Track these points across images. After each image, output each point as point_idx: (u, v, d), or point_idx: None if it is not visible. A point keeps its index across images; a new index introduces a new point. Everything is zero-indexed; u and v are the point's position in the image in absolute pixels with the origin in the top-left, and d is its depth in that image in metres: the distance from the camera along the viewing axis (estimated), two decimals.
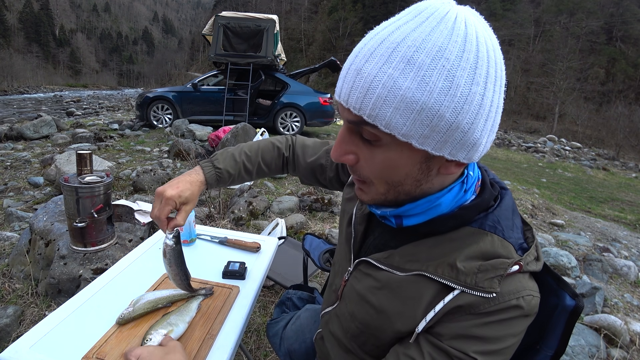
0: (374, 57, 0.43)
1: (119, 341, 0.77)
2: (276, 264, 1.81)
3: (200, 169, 0.86)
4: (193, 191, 0.81)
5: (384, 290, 0.57)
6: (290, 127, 7.78)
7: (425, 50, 0.41)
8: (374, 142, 0.48)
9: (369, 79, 0.43)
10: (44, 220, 1.93)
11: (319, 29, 58.50)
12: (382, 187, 0.52)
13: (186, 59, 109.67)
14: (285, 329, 1.00)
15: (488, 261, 0.50)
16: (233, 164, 0.89)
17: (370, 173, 0.51)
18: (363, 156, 0.50)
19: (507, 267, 0.49)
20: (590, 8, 39.41)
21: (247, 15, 8.01)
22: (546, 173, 8.69)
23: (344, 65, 0.48)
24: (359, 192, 0.57)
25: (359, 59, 0.45)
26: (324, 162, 0.92)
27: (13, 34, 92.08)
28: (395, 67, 0.42)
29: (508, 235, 0.52)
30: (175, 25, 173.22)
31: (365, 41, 0.46)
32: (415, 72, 0.41)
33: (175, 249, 0.82)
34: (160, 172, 3.87)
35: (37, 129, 6.16)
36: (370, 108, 0.44)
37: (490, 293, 0.48)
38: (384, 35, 0.44)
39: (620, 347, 1.88)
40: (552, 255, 2.70)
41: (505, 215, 0.54)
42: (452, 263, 0.51)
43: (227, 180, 0.89)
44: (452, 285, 0.50)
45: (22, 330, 1.61)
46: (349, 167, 0.55)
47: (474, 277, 0.49)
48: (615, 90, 31.95)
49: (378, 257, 0.60)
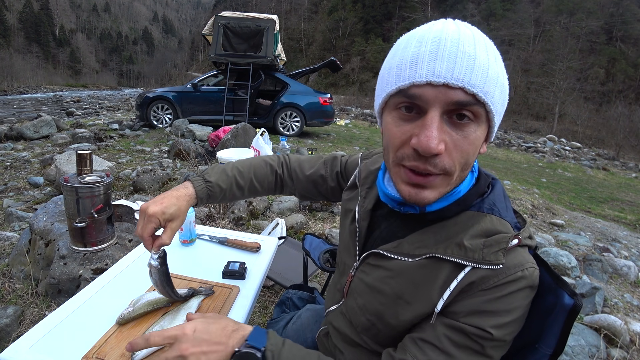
0: (479, 47, 0.51)
1: (119, 341, 0.77)
2: (276, 264, 1.81)
3: (189, 184, 0.82)
4: (180, 207, 0.76)
5: (398, 278, 0.60)
6: (290, 127, 7.79)
7: (497, 52, 0.54)
8: (468, 122, 0.52)
9: (483, 65, 0.50)
10: (44, 220, 1.93)
11: (319, 29, 58.48)
12: (457, 173, 0.55)
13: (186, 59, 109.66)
14: (286, 329, 1.00)
15: (491, 237, 0.55)
16: (225, 178, 0.86)
17: (458, 156, 0.53)
18: (452, 143, 0.52)
19: (508, 240, 0.54)
20: (590, 8, 39.39)
21: (247, 15, 8.02)
22: (546, 173, 8.69)
23: (429, 50, 0.50)
24: (422, 193, 0.55)
25: (465, 46, 0.50)
26: (324, 173, 0.91)
27: (13, 34, 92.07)
28: (492, 59, 0.52)
29: (504, 215, 0.59)
30: (175, 25, 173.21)
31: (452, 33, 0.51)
32: (500, 65, 0.53)
33: (161, 270, 0.78)
34: (160, 172, 3.87)
35: (37, 129, 6.16)
36: (486, 86, 0.50)
37: (497, 265, 0.53)
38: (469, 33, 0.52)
39: (620, 347, 1.88)
40: (552, 255, 2.70)
41: (499, 199, 0.61)
42: (459, 242, 0.56)
43: (218, 196, 0.85)
44: (462, 262, 0.54)
45: (22, 330, 1.61)
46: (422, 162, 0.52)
47: (481, 252, 0.54)
48: (615, 90, 31.93)
49: (387, 247, 0.63)
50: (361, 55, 47.43)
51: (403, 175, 0.55)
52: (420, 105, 0.51)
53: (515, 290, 0.53)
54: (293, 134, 7.74)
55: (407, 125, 0.53)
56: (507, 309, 0.53)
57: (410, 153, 0.53)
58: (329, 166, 0.92)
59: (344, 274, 0.74)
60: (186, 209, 0.78)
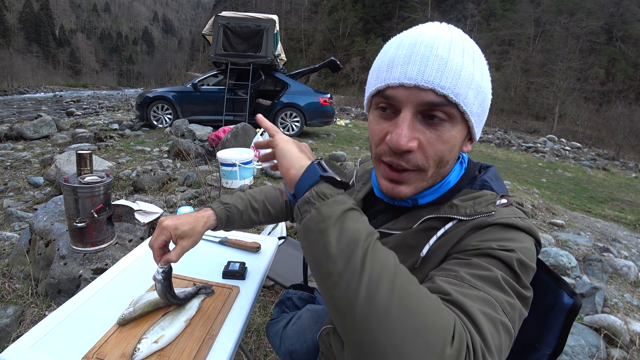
0: (453, 50, 0.52)
1: (119, 341, 0.77)
2: (276, 264, 1.81)
3: (208, 208, 0.86)
4: (195, 227, 0.79)
5: (397, 248, 0.60)
6: (290, 127, 7.79)
7: (477, 53, 0.56)
8: (441, 122, 0.54)
9: (457, 66, 0.52)
10: (44, 220, 1.93)
11: (319, 29, 58.47)
12: (432, 170, 0.57)
13: (186, 59, 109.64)
14: (286, 329, 1.00)
15: (479, 198, 0.59)
16: (240, 201, 0.92)
17: (432, 154, 0.55)
18: (426, 140, 0.54)
19: (495, 197, 0.58)
20: (590, 8, 39.39)
21: (247, 15, 8.01)
22: (546, 173, 8.68)
23: (404, 54, 0.53)
24: (398, 188, 0.58)
25: (439, 49, 0.52)
26: None
27: (13, 34, 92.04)
28: (468, 61, 0.53)
29: (496, 189, 0.61)
30: (175, 25, 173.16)
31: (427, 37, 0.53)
32: (478, 66, 0.55)
33: (164, 284, 0.79)
34: (160, 172, 3.87)
35: (37, 129, 6.16)
36: (457, 88, 0.52)
37: (488, 213, 0.56)
38: (447, 36, 0.54)
39: (620, 347, 1.88)
40: (552, 255, 2.70)
41: (491, 178, 0.64)
42: (450, 204, 0.59)
43: (236, 217, 0.89)
44: (453, 216, 0.57)
45: (22, 330, 1.61)
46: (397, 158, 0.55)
47: (472, 208, 0.57)
48: (615, 90, 31.93)
49: (387, 225, 0.66)
50: (361, 55, 47.40)
51: (382, 170, 0.59)
52: (395, 105, 0.55)
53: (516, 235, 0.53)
54: (293, 134, 7.73)
55: (385, 123, 0.57)
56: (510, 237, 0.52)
57: (387, 149, 0.56)
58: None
59: None
60: (202, 230, 0.80)
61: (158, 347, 0.75)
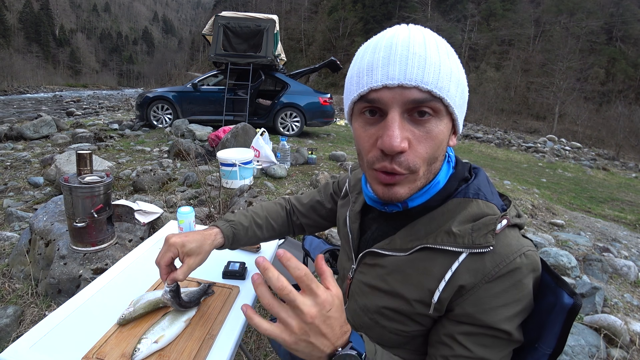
0: (429, 49, 0.53)
1: (119, 341, 0.77)
2: (276, 264, 1.81)
3: (214, 226, 0.87)
4: (202, 245, 0.78)
5: (394, 274, 0.62)
6: (290, 127, 7.78)
7: (449, 48, 0.57)
8: (428, 119, 0.54)
9: (436, 62, 0.53)
10: (44, 220, 1.93)
11: (319, 29, 58.47)
12: (423, 169, 0.56)
13: (186, 59, 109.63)
14: None
15: (478, 221, 0.57)
16: (243, 218, 0.92)
17: (423, 151, 0.55)
18: (416, 139, 0.54)
19: (495, 222, 0.56)
20: (590, 8, 39.40)
21: (247, 15, 8.01)
22: (546, 173, 8.68)
23: (383, 56, 0.53)
24: (392, 190, 0.58)
25: (415, 49, 0.53)
26: (320, 198, 0.98)
27: (13, 34, 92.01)
28: (444, 56, 0.54)
29: (490, 199, 0.60)
30: (175, 25, 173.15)
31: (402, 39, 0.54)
32: (453, 61, 0.56)
33: (174, 302, 0.80)
34: (160, 172, 3.87)
35: (37, 129, 6.16)
36: (440, 82, 0.53)
37: (487, 247, 0.54)
38: (419, 36, 0.55)
39: (620, 347, 1.88)
40: (552, 255, 2.70)
41: (483, 184, 0.63)
42: (448, 230, 0.58)
43: (242, 234, 0.90)
44: (453, 249, 0.56)
45: (22, 330, 1.61)
46: (389, 162, 0.55)
47: (470, 237, 0.56)
48: (615, 90, 31.93)
49: (380, 245, 0.65)
50: None
51: (375, 177, 0.59)
52: (381, 108, 0.55)
53: (520, 279, 0.54)
54: (293, 134, 7.73)
55: (373, 128, 0.57)
56: (516, 298, 0.54)
57: (379, 155, 0.56)
58: (322, 192, 0.99)
59: (344, 279, 0.76)
60: (209, 249, 0.80)
61: (158, 347, 0.75)
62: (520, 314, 0.55)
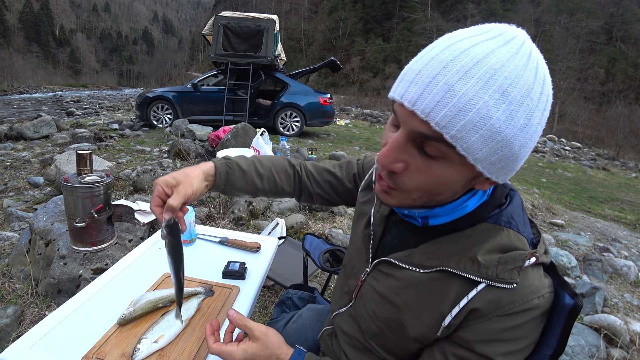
0: (469, 77, 0.42)
1: (119, 341, 0.77)
2: (276, 264, 1.81)
3: (209, 161, 0.80)
4: (188, 174, 0.73)
5: (408, 290, 0.59)
6: (290, 127, 7.79)
7: (518, 86, 0.43)
8: (433, 157, 0.48)
9: (463, 100, 0.42)
10: (44, 220, 1.93)
11: (319, 29, 58.46)
12: (416, 194, 0.53)
13: (186, 59, 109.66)
14: (286, 327, 1.00)
15: (507, 253, 0.52)
16: (243, 160, 0.83)
17: (416, 183, 0.51)
18: (415, 167, 0.49)
19: (524, 258, 0.51)
20: (590, 8, 39.42)
21: (247, 15, 8.02)
22: (546, 173, 8.68)
23: (417, 69, 0.46)
24: (385, 195, 0.56)
25: (451, 73, 0.43)
26: (340, 174, 0.89)
27: (13, 34, 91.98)
28: (491, 95, 0.42)
29: (522, 230, 0.55)
30: (175, 25, 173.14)
31: (450, 52, 0.44)
32: (507, 106, 0.43)
33: (170, 242, 0.69)
34: (160, 172, 3.87)
35: (37, 129, 6.16)
36: (457, 130, 0.43)
37: (511, 284, 0.50)
38: (478, 54, 0.43)
39: (620, 347, 1.88)
40: (552, 255, 2.70)
41: (517, 212, 0.58)
42: (472, 257, 0.53)
43: (238, 175, 0.80)
44: (474, 278, 0.52)
45: (22, 330, 1.61)
46: (384, 173, 0.54)
47: (495, 269, 0.51)
48: (615, 90, 31.94)
49: (398, 256, 0.61)
50: (361, 55, 47.44)
51: (378, 174, 0.57)
52: (398, 119, 0.50)
53: (530, 319, 0.52)
54: (293, 134, 7.73)
55: (390, 133, 0.53)
56: (520, 336, 0.52)
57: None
58: (344, 169, 0.90)
59: (351, 277, 0.73)
60: (198, 177, 0.74)
61: (158, 347, 0.75)
62: (519, 352, 0.53)
